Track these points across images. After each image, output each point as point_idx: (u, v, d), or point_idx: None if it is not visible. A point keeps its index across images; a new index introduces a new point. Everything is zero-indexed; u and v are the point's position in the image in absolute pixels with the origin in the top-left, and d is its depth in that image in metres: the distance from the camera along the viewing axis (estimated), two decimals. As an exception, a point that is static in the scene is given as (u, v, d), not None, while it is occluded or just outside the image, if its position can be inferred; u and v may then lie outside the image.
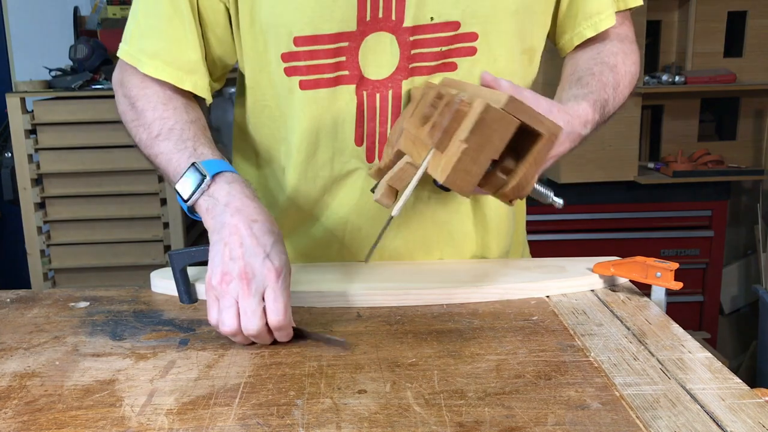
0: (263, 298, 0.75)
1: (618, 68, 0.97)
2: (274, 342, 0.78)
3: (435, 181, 0.70)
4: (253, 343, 0.78)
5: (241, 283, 0.75)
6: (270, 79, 0.95)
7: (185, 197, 0.83)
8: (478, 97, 0.69)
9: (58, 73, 2.76)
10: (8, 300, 0.94)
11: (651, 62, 2.72)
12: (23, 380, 0.71)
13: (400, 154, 0.84)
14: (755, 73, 2.65)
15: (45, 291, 0.97)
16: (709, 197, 2.67)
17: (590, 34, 0.99)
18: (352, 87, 0.92)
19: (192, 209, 0.85)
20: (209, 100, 0.98)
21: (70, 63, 2.79)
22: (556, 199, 0.80)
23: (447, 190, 0.69)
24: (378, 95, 0.92)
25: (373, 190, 0.88)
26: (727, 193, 2.69)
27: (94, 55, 2.75)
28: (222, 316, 0.76)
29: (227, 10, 0.94)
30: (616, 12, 0.99)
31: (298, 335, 0.79)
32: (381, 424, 0.61)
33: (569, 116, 0.86)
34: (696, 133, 2.74)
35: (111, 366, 0.74)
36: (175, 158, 0.88)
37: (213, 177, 0.83)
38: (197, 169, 0.83)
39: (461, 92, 0.72)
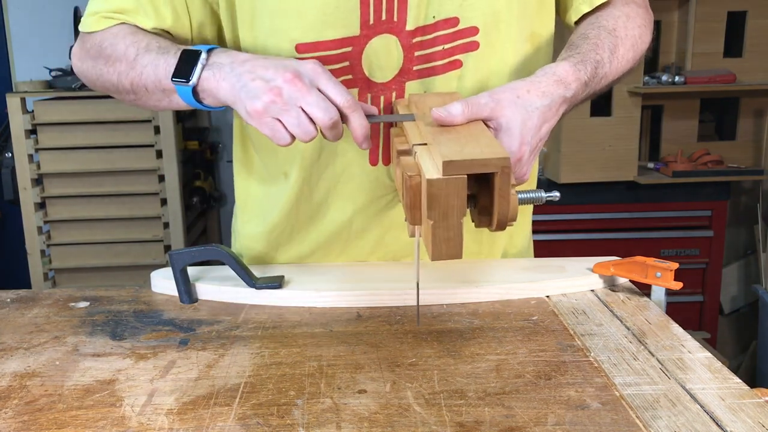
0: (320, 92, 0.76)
1: (617, 31, 0.93)
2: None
3: None
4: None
5: (292, 86, 0.75)
6: None
7: (187, 78, 0.81)
8: (427, 154, 0.71)
9: (58, 73, 2.76)
10: (8, 300, 0.94)
11: (651, 62, 2.72)
12: (23, 380, 0.71)
13: None
14: (755, 73, 2.65)
15: (45, 291, 0.97)
16: (709, 197, 2.67)
17: (586, 9, 0.96)
18: (356, 90, 0.91)
19: (197, 95, 0.83)
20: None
21: (70, 63, 2.79)
22: (548, 195, 0.78)
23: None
24: (382, 98, 0.91)
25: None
26: (727, 193, 2.69)
27: (95, 55, 2.75)
28: (296, 130, 0.76)
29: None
30: None
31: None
32: (381, 424, 0.61)
33: (544, 87, 0.82)
34: (696, 133, 2.74)
35: (111, 366, 0.74)
36: (162, 60, 0.85)
37: (208, 51, 0.82)
38: (189, 53, 0.83)
39: (414, 153, 0.74)
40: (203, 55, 0.82)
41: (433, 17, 0.89)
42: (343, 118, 0.79)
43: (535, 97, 0.81)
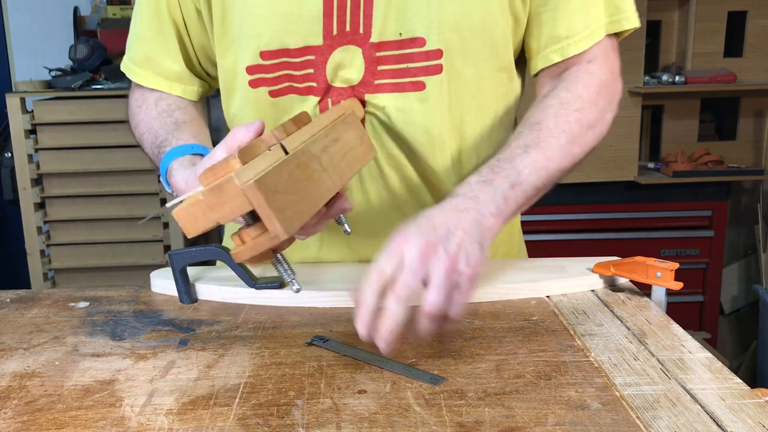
0: None
1: (542, 129, 0.86)
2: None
3: None
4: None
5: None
6: (239, 89, 0.96)
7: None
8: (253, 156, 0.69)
9: (58, 73, 2.76)
10: (8, 300, 0.94)
11: (651, 62, 2.72)
12: (23, 380, 0.71)
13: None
14: (755, 73, 2.65)
15: (45, 291, 0.97)
16: (709, 197, 2.67)
17: (557, 59, 0.94)
18: (317, 99, 0.92)
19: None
20: (198, 100, 1.06)
21: (70, 63, 2.79)
22: (294, 285, 0.79)
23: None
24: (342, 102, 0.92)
25: None
26: (727, 193, 2.70)
27: (94, 55, 2.75)
28: None
29: (199, 12, 0.98)
30: (604, 35, 0.93)
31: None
32: (381, 424, 0.61)
33: (477, 215, 0.75)
34: (696, 133, 2.75)
35: (111, 366, 0.74)
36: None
37: (167, 181, 0.92)
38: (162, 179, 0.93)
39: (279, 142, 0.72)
40: (167, 188, 0.93)
41: (400, 34, 0.89)
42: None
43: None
